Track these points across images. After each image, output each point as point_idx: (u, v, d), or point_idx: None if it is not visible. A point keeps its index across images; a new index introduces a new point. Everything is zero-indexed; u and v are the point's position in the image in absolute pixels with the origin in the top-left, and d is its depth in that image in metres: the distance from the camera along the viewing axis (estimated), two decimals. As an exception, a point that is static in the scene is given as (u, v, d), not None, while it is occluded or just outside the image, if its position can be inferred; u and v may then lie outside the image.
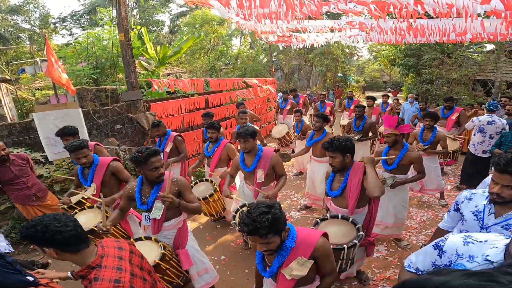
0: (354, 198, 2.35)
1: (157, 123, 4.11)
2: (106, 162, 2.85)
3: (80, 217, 2.65)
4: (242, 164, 3.07)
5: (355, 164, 2.45)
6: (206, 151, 3.85)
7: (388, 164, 3.23)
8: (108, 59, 9.67)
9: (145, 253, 2.09)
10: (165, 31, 22.63)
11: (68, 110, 4.13)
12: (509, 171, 1.48)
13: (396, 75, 21.23)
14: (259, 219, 1.44)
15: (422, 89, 8.86)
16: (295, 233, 1.64)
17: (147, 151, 2.12)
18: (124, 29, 4.60)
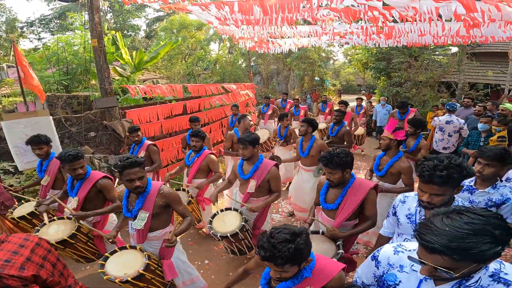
0: (344, 216, 2.27)
1: (136, 128, 4.01)
2: (95, 178, 2.75)
3: (50, 228, 2.59)
4: (240, 170, 3.00)
5: (357, 182, 2.31)
6: (187, 159, 3.72)
7: (379, 170, 3.18)
8: (80, 65, 9.33)
9: (129, 262, 2.11)
10: (141, 35, 22.15)
11: (38, 118, 3.96)
12: (434, 181, 1.47)
13: (370, 78, 22.13)
14: (279, 246, 1.30)
15: (393, 91, 9.35)
16: (314, 263, 1.52)
17: (124, 162, 2.09)
18: (98, 35, 4.49)
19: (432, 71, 8.66)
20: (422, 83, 8.65)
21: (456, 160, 1.50)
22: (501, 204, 2.08)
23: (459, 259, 0.90)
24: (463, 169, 1.47)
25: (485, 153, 2.17)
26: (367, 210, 2.30)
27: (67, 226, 2.62)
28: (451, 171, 1.44)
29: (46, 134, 4.00)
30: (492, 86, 9.61)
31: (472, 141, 4.20)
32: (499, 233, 0.90)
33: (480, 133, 4.12)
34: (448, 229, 0.92)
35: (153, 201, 2.21)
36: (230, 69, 15.91)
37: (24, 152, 3.86)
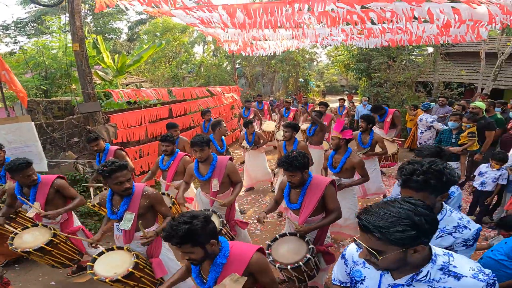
0: (307, 213, 2.39)
1: (93, 137, 3.79)
2: (50, 180, 2.80)
3: (25, 236, 2.59)
4: (197, 173, 3.06)
5: (315, 180, 2.44)
6: (161, 164, 3.74)
7: (333, 167, 3.39)
8: (59, 69, 9.07)
9: (118, 262, 2.15)
10: (123, 39, 21.73)
11: (20, 124, 3.91)
12: (411, 186, 1.44)
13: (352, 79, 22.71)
14: (175, 228, 1.45)
15: (373, 91, 9.68)
16: (228, 249, 1.61)
17: (112, 166, 2.14)
18: (79, 39, 4.43)
19: (409, 71, 9.04)
20: (400, 83, 9.00)
21: (438, 165, 1.43)
22: (447, 200, 2.03)
23: (380, 238, 0.98)
24: (443, 175, 1.40)
25: (422, 152, 2.19)
26: (329, 204, 2.42)
27: (41, 231, 2.64)
28: (429, 176, 1.39)
29: (28, 139, 3.97)
30: (466, 85, 10.12)
31: (445, 138, 4.44)
32: (418, 219, 0.97)
33: (451, 130, 4.36)
34: (379, 210, 1.03)
35: (138, 202, 2.27)
36: (215, 72, 15.89)
37: None
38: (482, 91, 8.61)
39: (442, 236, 1.58)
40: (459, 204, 2.06)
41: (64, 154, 4.65)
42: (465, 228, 1.54)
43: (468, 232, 1.53)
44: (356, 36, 5.53)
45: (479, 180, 3.88)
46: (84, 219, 4.16)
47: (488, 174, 3.81)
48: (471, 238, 1.54)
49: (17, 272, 3.47)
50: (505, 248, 1.91)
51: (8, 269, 3.49)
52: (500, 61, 8.33)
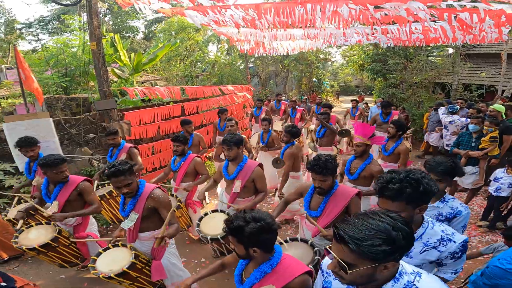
0: (326, 223, 2.27)
1: (113, 131, 3.91)
2: (76, 181, 2.81)
3: (31, 232, 2.65)
4: (225, 171, 3.05)
5: (341, 188, 2.32)
6: (173, 164, 3.70)
7: (351, 174, 3.19)
8: (79, 67, 9.39)
9: (117, 259, 2.20)
10: (139, 37, 22.22)
11: (39, 120, 4.06)
12: (386, 194, 1.38)
13: (367, 79, 22.30)
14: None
15: (389, 93, 9.48)
16: (278, 261, 1.54)
17: (109, 171, 2.16)
18: (96, 38, 4.56)
19: (426, 72, 8.79)
20: (417, 84, 8.77)
21: (416, 174, 1.37)
22: (452, 218, 1.95)
23: (354, 250, 0.94)
24: (420, 184, 1.33)
25: (436, 168, 1.99)
26: None
27: (48, 230, 2.69)
28: (405, 185, 1.32)
29: (47, 135, 4.11)
30: (486, 87, 9.74)
31: (464, 141, 4.30)
32: (396, 234, 0.94)
33: (471, 134, 4.21)
34: (358, 221, 0.99)
35: (143, 204, 2.29)
36: (228, 71, 15.99)
37: None
38: (502, 94, 8.26)
39: (426, 251, 1.52)
40: (465, 223, 1.97)
41: (80, 150, 4.81)
42: (450, 241, 1.49)
43: (453, 245, 1.48)
44: (371, 36, 5.43)
45: (495, 186, 3.76)
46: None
47: (503, 180, 3.69)
48: (458, 251, 1.49)
49: (30, 265, 3.60)
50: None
51: (21, 262, 3.62)
52: (524, 62, 7.95)
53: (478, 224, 4.07)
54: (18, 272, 3.45)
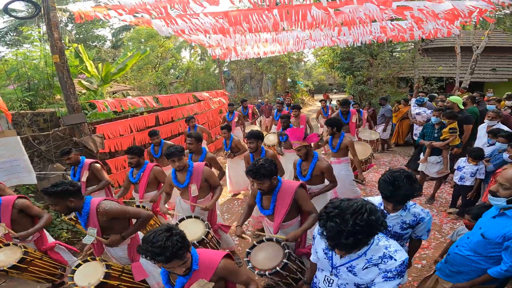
0: (280, 218, 2.42)
1: (66, 151, 3.72)
2: (10, 201, 2.77)
3: None
4: (175, 181, 3.13)
5: (284, 185, 2.45)
6: (131, 177, 3.64)
7: (303, 176, 3.27)
8: (42, 80, 8.93)
9: (91, 272, 2.24)
10: (107, 46, 21.47)
11: (6, 139, 3.86)
12: (340, 248, 1.38)
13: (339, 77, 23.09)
14: (169, 243, 1.44)
15: (358, 89, 9.92)
16: (197, 256, 1.66)
17: (46, 190, 2.17)
18: (59, 51, 4.40)
19: (390, 68, 9.30)
20: (382, 80, 9.25)
21: (363, 216, 1.26)
22: (416, 225, 1.94)
23: None
24: (372, 227, 1.27)
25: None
26: (304, 206, 2.43)
27: (13, 249, 2.67)
28: (358, 237, 1.26)
29: (15, 154, 3.93)
30: (445, 79, 10.47)
31: (428, 132, 4.56)
32: None
33: (434, 125, 4.48)
34: None
35: (95, 219, 2.31)
36: (203, 76, 15.89)
37: None
38: (460, 85, 8.92)
39: (368, 268, 1.44)
40: (428, 228, 1.97)
41: (52, 166, 4.61)
42: (391, 258, 1.42)
43: (392, 263, 1.41)
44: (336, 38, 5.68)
45: (458, 175, 3.93)
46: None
47: (465, 169, 3.85)
48: (393, 270, 1.40)
49: (16, 280, 3.49)
50: (470, 244, 1.92)
51: (6, 278, 3.48)
52: (476, 55, 8.66)
53: (448, 211, 4.32)
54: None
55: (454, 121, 4.38)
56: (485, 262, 1.84)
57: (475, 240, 1.88)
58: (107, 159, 5.24)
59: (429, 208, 4.54)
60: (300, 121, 5.99)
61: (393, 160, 6.97)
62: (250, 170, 2.31)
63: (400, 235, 1.98)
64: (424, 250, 3.53)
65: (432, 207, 4.57)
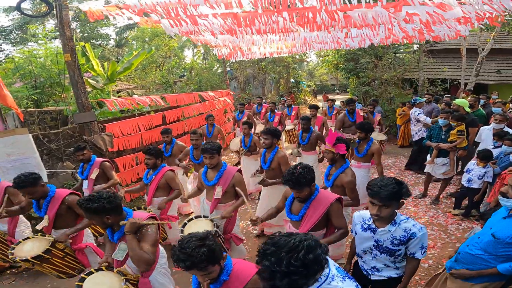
0: (307, 227, 2.31)
1: (81, 147, 3.77)
2: (62, 196, 2.80)
3: (27, 244, 2.68)
4: (204, 177, 3.07)
5: (321, 194, 2.34)
6: (145, 178, 3.59)
7: (328, 181, 3.17)
8: (49, 78, 9.00)
9: (105, 285, 2.05)
10: (111, 44, 21.55)
11: (17, 137, 3.93)
12: None
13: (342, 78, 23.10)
14: (194, 253, 1.41)
15: (362, 90, 9.96)
16: (231, 266, 1.61)
17: (80, 204, 2.10)
18: (70, 50, 4.47)
19: (395, 69, 9.32)
20: (387, 81, 9.27)
21: (299, 255, 1.12)
22: (407, 241, 1.86)
23: None
24: (308, 267, 1.13)
25: (378, 194, 1.76)
26: (334, 221, 2.35)
27: (42, 242, 2.70)
28: (294, 278, 1.11)
29: (26, 152, 3.99)
30: (450, 81, 10.47)
31: (435, 134, 4.58)
32: None
33: (441, 127, 4.50)
34: None
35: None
36: (206, 76, 15.94)
37: (7, 171, 3.85)
38: (465, 87, 8.93)
39: None
40: (422, 245, 1.87)
41: (62, 164, 4.68)
42: None
43: None
44: (343, 40, 5.72)
45: (466, 177, 3.96)
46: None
47: (474, 172, 3.88)
48: None
49: (26, 279, 3.57)
50: (480, 243, 1.96)
51: (17, 276, 3.59)
52: (481, 57, 8.66)
53: (453, 212, 4.36)
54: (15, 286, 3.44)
55: (462, 124, 4.40)
56: (494, 261, 1.89)
57: (486, 240, 1.92)
58: (115, 158, 5.31)
59: (434, 209, 4.58)
60: (316, 122, 5.87)
61: (397, 162, 7.00)
62: (289, 180, 2.17)
63: (392, 251, 1.91)
64: (430, 250, 3.58)
65: (437, 208, 4.61)
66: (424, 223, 4.19)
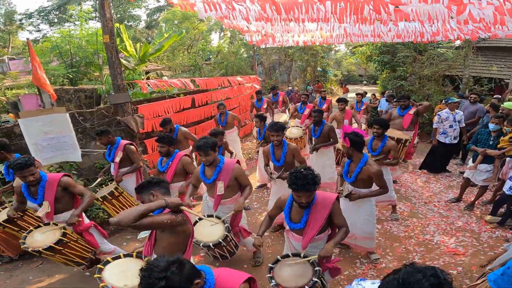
0: (313, 233, 2.20)
1: (99, 131, 3.70)
2: (56, 178, 2.78)
3: (37, 235, 2.64)
4: (202, 176, 2.96)
5: (320, 196, 2.23)
6: (160, 165, 3.56)
7: (348, 176, 3.11)
8: (84, 57, 9.33)
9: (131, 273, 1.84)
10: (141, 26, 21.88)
11: (55, 115, 4.02)
12: None
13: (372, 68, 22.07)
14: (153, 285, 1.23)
15: (397, 84, 9.43)
16: (214, 281, 1.46)
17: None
18: (109, 31, 4.51)
19: (437, 65, 8.71)
20: (426, 77, 8.71)
21: None
22: None
23: None
24: None
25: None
26: (336, 220, 2.26)
27: (52, 229, 2.68)
28: None
29: (63, 130, 4.10)
30: (496, 81, 9.65)
31: (482, 139, 4.23)
32: None
33: (490, 132, 4.16)
34: None
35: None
36: (233, 60, 15.83)
37: (42, 149, 3.96)
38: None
39: None
40: None
41: (94, 144, 4.85)
42: None
43: None
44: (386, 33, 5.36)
45: (508, 185, 3.72)
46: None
47: None
48: None
49: (52, 263, 3.53)
50: None
51: (43, 260, 3.56)
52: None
53: (486, 219, 4.12)
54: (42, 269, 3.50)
55: None
56: None
57: None
58: (144, 139, 5.43)
59: (468, 214, 4.38)
60: (345, 116, 5.64)
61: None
62: (297, 183, 2.03)
63: None
64: (460, 256, 3.45)
65: (471, 214, 4.39)
66: (457, 228, 4.02)
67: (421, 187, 5.32)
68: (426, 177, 5.70)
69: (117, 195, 3.66)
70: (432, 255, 3.50)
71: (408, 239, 3.83)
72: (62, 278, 3.35)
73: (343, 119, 5.68)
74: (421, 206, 4.69)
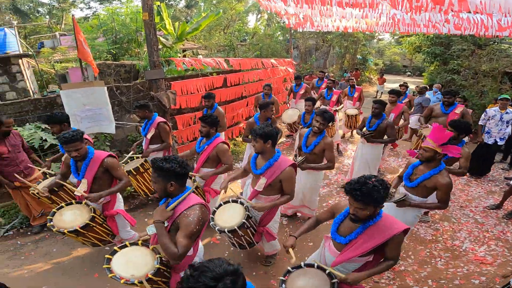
0: (350, 256, 1.92)
1: (139, 105, 3.74)
2: (100, 158, 2.68)
3: (66, 214, 2.60)
4: (253, 163, 2.77)
5: (384, 221, 1.88)
6: (198, 146, 3.42)
7: (410, 180, 2.79)
8: (127, 34, 9.70)
9: (137, 261, 1.88)
10: (181, 5, 22.14)
11: (94, 88, 4.24)
12: None
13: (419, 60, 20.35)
14: None
15: (447, 78, 8.57)
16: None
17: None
18: (149, 9, 4.59)
19: (497, 61, 7.75)
20: (483, 72, 7.81)
21: None
22: None
23: None
24: None
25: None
26: (388, 252, 1.92)
27: (82, 210, 2.63)
28: None
29: (100, 103, 4.30)
30: None
31: None
32: None
33: None
34: None
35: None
36: (268, 42, 15.52)
37: (81, 120, 4.21)
38: None
39: None
40: None
41: (129, 117, 5.09)
42: None
43: None
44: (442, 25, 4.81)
45: None
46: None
47: None
48: None
49: None
50: None
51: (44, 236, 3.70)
52: None
53: None
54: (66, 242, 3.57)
55: None
56: None
57: None
58: (175, 115, 5.59)
59: (505, 223, 4.04)
60: (394, 109, 5.10)
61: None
62: (357, 190, 1.72)
63: None
64: (486, 266, 3.19)
65: (509, 223, 4.04)
66: (490, 237, 3.74)
67: (459, 189, 4.94)
68: (466, 180, 5.26)
69: (142, 171, 3.65)
70: (456, 262, 3.29)
71: (435, 243, 3.62)
72: (84, 253, 3.44)
73: (390, 112, 5.16)
74: (455, 210, 4.39)
